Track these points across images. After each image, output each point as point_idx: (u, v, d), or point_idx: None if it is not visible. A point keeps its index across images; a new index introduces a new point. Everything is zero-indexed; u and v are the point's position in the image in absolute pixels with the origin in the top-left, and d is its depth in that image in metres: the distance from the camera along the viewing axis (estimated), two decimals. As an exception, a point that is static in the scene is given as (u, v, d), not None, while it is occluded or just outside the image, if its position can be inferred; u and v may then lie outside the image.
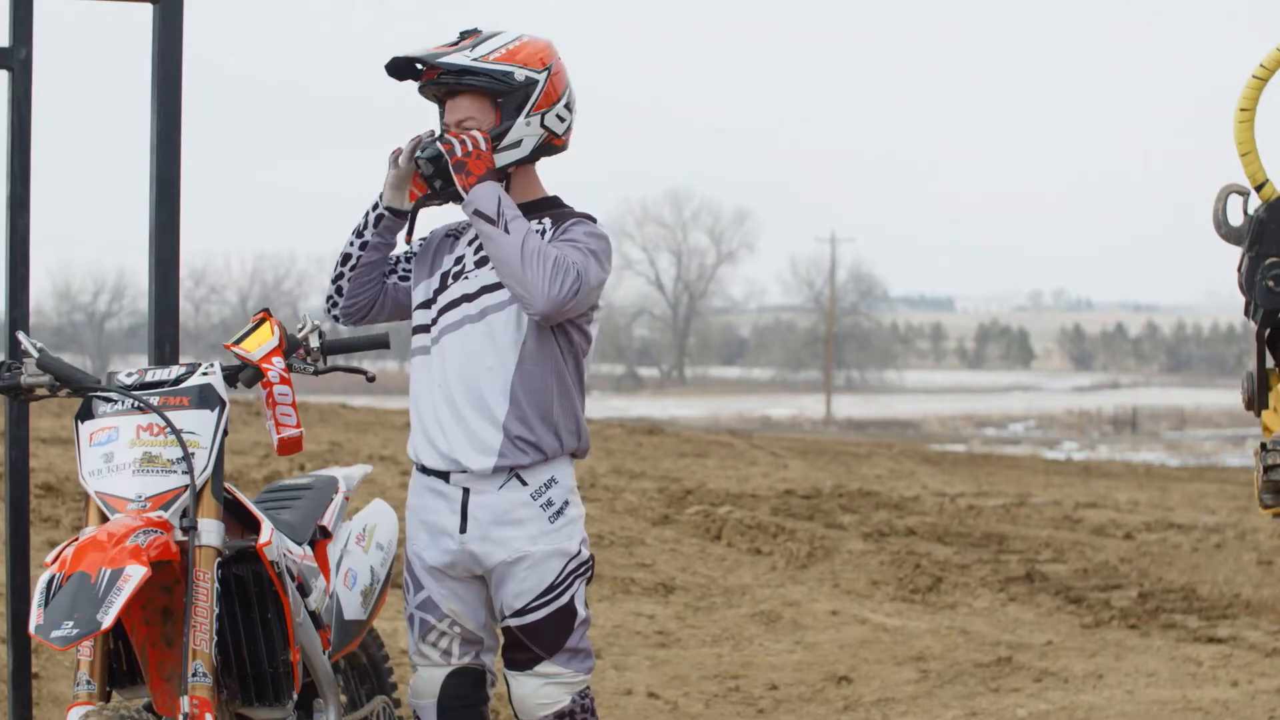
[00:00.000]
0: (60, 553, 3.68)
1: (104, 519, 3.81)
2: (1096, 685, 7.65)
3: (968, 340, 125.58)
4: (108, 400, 3.93)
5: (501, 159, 4.27)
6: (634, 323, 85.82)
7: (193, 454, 3.85)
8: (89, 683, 3.76)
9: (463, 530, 4.32)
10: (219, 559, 3.85)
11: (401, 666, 7.09)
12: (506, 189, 4.30)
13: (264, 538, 3.95)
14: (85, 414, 3.95)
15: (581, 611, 4.38)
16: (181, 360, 4.52)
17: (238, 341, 4.07)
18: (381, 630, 7.39)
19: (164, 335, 4.74)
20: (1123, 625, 9.01)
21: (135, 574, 3.57)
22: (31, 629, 3.56)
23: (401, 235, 4.39)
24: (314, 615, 4.22)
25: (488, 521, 4.31)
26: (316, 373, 4.27)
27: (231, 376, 4.05)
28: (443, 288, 4.38)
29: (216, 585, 3.82)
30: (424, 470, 4.37)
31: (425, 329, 4.39)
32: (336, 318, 4.52)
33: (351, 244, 4.42)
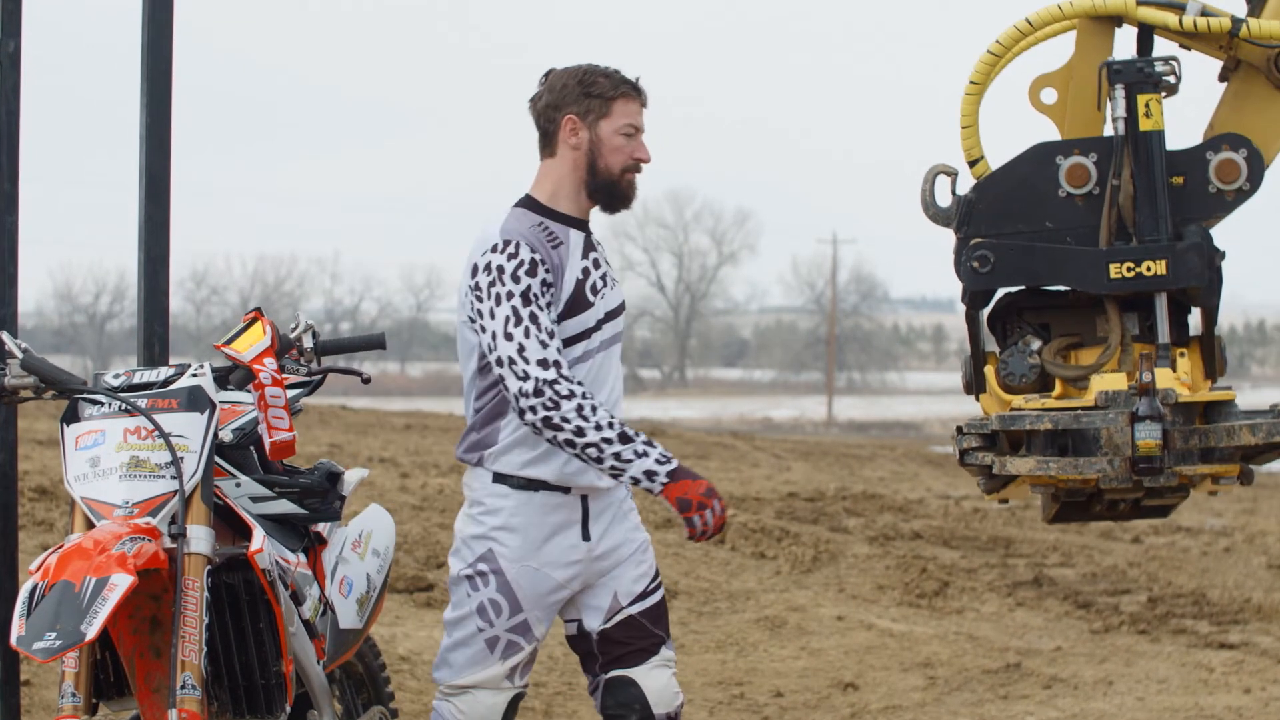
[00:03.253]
0: (44, 561, 3.56)
1: (90, 525, 3.70)
2: (1107, 692, 7.54)
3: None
4: (94, 402, 3.82)
5: None
6: (635, 324, 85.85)
7: (181, 458, 3.74)
8: (74, 695, 3.65)
9: (587, 538, 4.23)
10: (209, 567, 3.74)
11: (399, 673, 6.98)
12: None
13: (255, 544, 3.83)
14: (71, 417, 3.84)
15: None
16: (172, 361, 4.41)
17: (228, 342, 3.95)
18: (379, 637, 7.27)
19: (153, 335, 4.62)
20: (1132, 630, 8.89)
21: (121, 583, 3.46)
22: (13, 641, 3.44)
23: None
24: (308, 624, 4.10)
25: (609, 521, 4.28)
26: (310, 374, 4.16)
27: (222, 378, 3.93)
28: (586, 303, 4.21)
29: (206, 594, 3.71)
30: (528, 485, 4.20)
31: (571, 343, 4.19)
32: None
33: (602, 462, 4.08)
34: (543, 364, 4.01)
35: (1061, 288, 4.58)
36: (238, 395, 4.06)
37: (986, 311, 4.69)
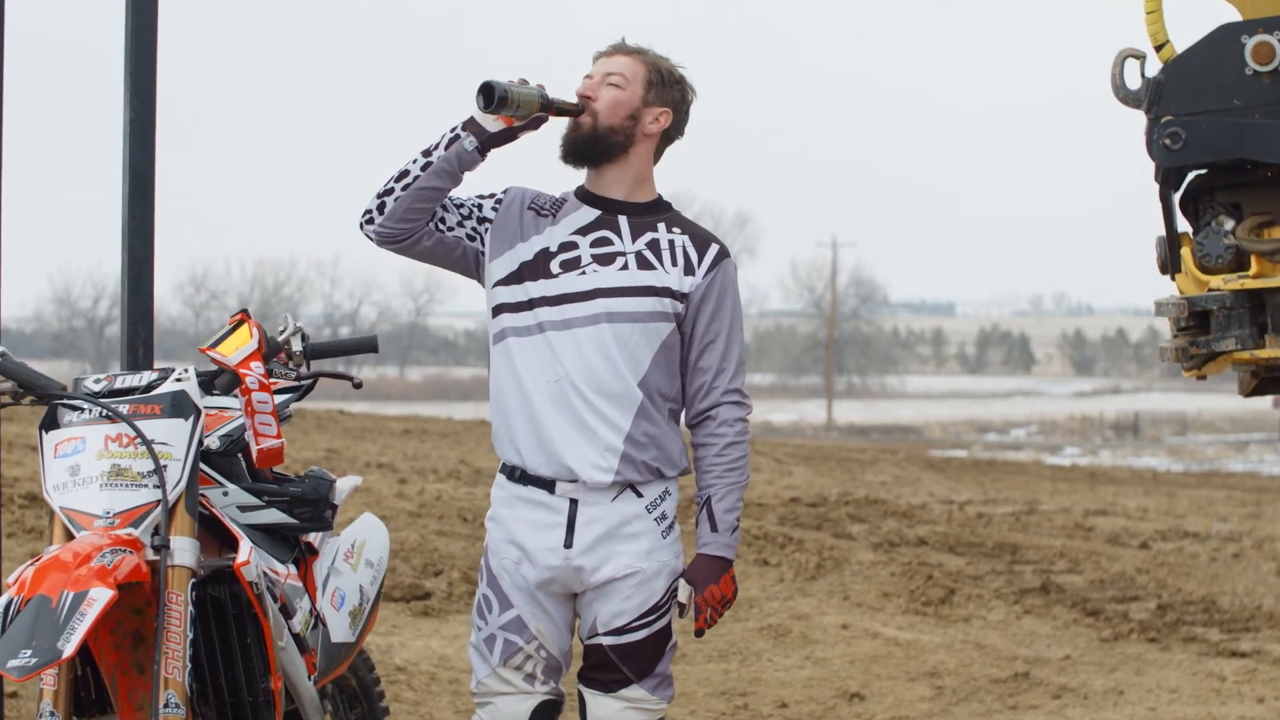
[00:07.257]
0: (20, 574, 3.41)
1: (69, 536, 3.54)
2: (1117, 702, 7.40)
3: (969, 345, 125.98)
4: (74, 408, 3.67)
5: None
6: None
7: (165, 466, 3.58)
8: (53, 714, 3.49)
9: (568, 545, 3.98)
10: (193, 579, 3.58)
11: (396, 684, 6.84)
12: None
13: (242, 556, 3.67)
14: (50, 423, 3.69)
15: (673, 635, 4.11)
16: (156, 365, 4.26)
17: (214, 345, 3.80)
18: (375, 648, 7.13)
19: (137, 338, 4.46)
20: (1142, 638, 8.75)
21: (100, 597, 3.30)
22: (-14, 658, 3.28)
23: (468, 174, 4.00)
24: (298, 638, 3.95)
25: (600, 535, 3.99)
26: (299, 378, 4.01)
27: (208, 383, 3.78)
28: (546, 273, 3.99)
29: (191, 608, 3.55)
30: (521, 478, 4.02)
31: (517, 309, 3.99)
32: (370, 235, 3.99)
33: (415, 162, 3.96)
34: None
35: (1254, 164, 4.58)
36: (224, 400, 3.91)
37: (1178, 195, 4.72)
